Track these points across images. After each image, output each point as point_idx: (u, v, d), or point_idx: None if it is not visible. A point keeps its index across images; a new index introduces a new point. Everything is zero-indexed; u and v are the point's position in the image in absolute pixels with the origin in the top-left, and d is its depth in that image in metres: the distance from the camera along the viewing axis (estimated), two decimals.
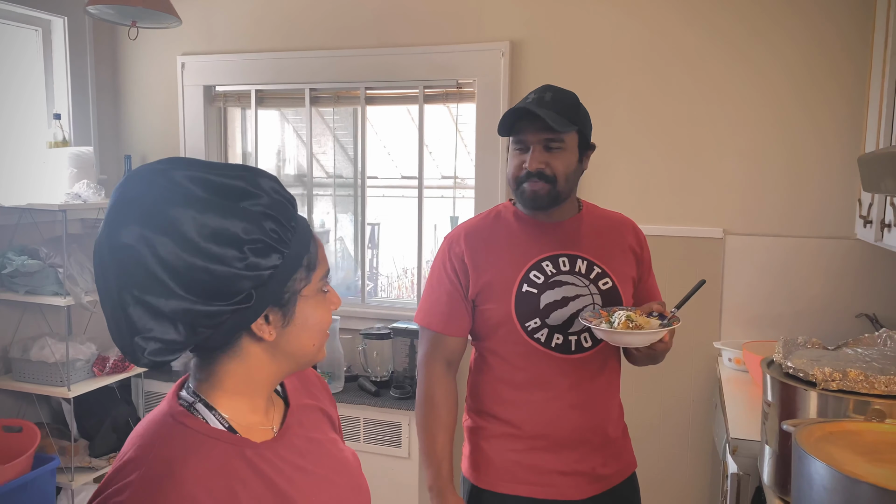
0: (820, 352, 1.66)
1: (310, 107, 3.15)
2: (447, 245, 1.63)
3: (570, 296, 1.54)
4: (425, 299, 1.64)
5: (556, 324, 1.53)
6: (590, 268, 1.58)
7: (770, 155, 2.58)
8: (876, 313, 2.46)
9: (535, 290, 1.54)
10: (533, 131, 1.51)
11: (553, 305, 1.53)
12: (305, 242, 0.89)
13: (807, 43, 2.50)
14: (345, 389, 2.93)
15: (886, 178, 1.43)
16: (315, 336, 0.93)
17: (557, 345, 1.54)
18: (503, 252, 1.58)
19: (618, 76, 2.71)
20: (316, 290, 0.92)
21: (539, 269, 1.56)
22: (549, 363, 1.54)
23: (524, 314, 1.53)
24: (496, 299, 1.55)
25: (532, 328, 1.53)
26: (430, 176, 3.64)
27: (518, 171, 1.54)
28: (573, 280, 1.56)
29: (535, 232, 1.60)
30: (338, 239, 3.32)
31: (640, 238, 1.70)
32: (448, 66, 2.88)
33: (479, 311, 1.58)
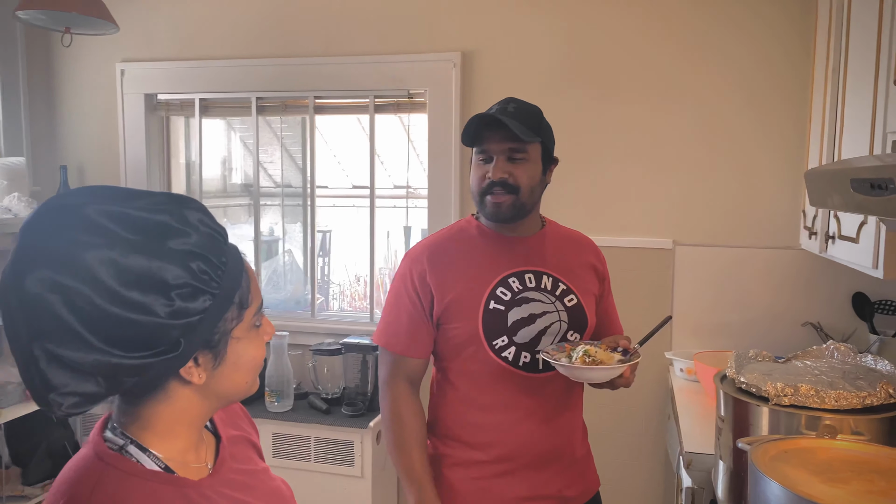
0: (771, 365, 1.67)
1: (256, 116, 3.06)
2: (408, 263, 1.57)
3: (538, 313, 1.52)
4: (385, 319, 1.58)
5: (523, 342, 1.50)
6: (555, 284, 1.56)
7: (718, 167, 2.62)
8: (820, 322, 2.51)
9: (502, 307, 1.51)
10: (497, 141, 1.48)
11: (520, 323, 1.50)
12: (237, 278, 0.84)
13: (752, 57, 2.55)
14: (294, 408, 2.85)
15: (833, 194, 1.44)
16: (248, 374, 0.88)
17: (525, 363, 1.51)
18: (468, 269, 1.54)
19: (569, 87, 2.71)
20: (249, 326, 0.87)
21: (505, 285, 1.52)
22: (517, 383, 1.51)
23: (492, 332, 1.50)
24: (462, 318, 1.50)
25: (499, 346, 1.50)
26: (382, 185, 3.60)
27: (481, 182, 1.51)
28: (539, 297, 1.53)
29: (500, 247, 1.56)
30: (286, 251, 3.23)
31: (601, 257, 1.70)
32: (399, 75, 2.84)
33: (444, 331, 1.54)
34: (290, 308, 3.21)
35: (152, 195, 0.79)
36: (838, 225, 1.99)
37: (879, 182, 1.12)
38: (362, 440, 2.70)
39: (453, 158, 2.80)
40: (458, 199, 2.83)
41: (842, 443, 1.28)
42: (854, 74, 1.91)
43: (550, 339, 1.53)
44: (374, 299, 3.08)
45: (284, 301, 3.22)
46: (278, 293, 3.21)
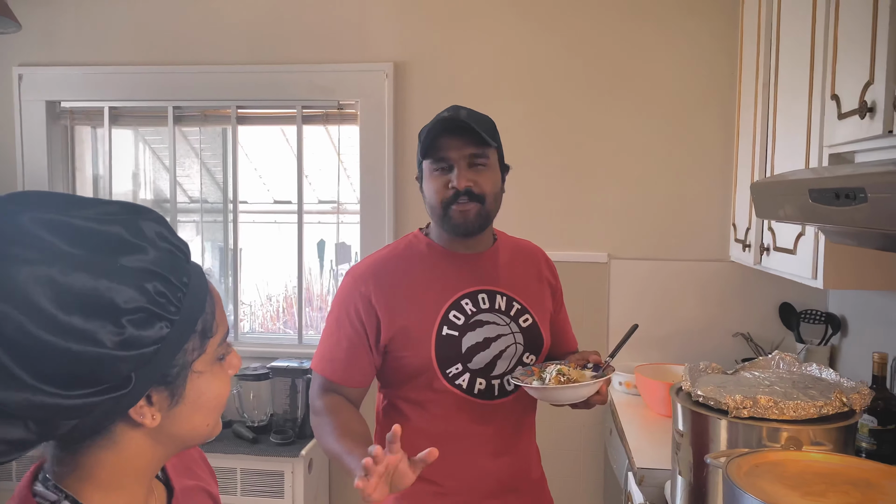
0: (722, 377, 1.67)
1: (173, 126, 2.87)
2: (351, 283, 1.44)
3: (492, 336, 1.44)
4: (324, 343, 1.46)
5: (478, 368, 1.42)
6: (509, 304, 1.48)
7: (650, 181, 2.65)
8: (750, 332, 2.57)
9: (455, 332, 1.41)
10: (457, 147, 1.38)
11: (475, 348, 1.42)
12: (200, 301, 0.71)
13: (679, 73, 2.61)
14: (218, 438, 2.64)
15: (786, 205, 1.46)
16: (210, 414, 0.76)
17: (480, 391, 1.43)
18: (418, 291, 1.43)
19: (502, 100, 2.68)
20: (212, 359, 0.75)
21: (459, 308, 1.43)
22: (471, 411, 1.43)
23: (445, 360, 1.40)
24: (413, 345, 1.40)
25: (453, 374, 1.41)
26: (307, 200, 3.45)
27: (444, 193, 1.40)
28: (494, 319, 1.45)
29: (452, 266, 1.47)
30: (206, 270, 3.03)
31: (553, 268, 1.63)
32: (329, 85, 2.73)
33: (393, 359, 1.43)
34: None
35: (102, 203, 0.66)
36: (773, 237, 2.04)
37: (848, 192, 1.12)
38: (293, 470, 2.54)
39: (387, 172, 2.71)
40: (392, 215, 2.74)
41: (809, 454, 1.27)
42: (786, 89, 1.97)
43: (506, 363, 1.45)
44: (302, 318, 2.93)
45: None
46: None
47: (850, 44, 1.53)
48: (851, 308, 2.35)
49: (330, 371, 1.42)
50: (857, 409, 1.44)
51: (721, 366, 1.77)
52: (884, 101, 1.34)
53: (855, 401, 1.44)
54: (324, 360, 1.44)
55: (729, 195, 2.57)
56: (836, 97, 1.59)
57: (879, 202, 1.03)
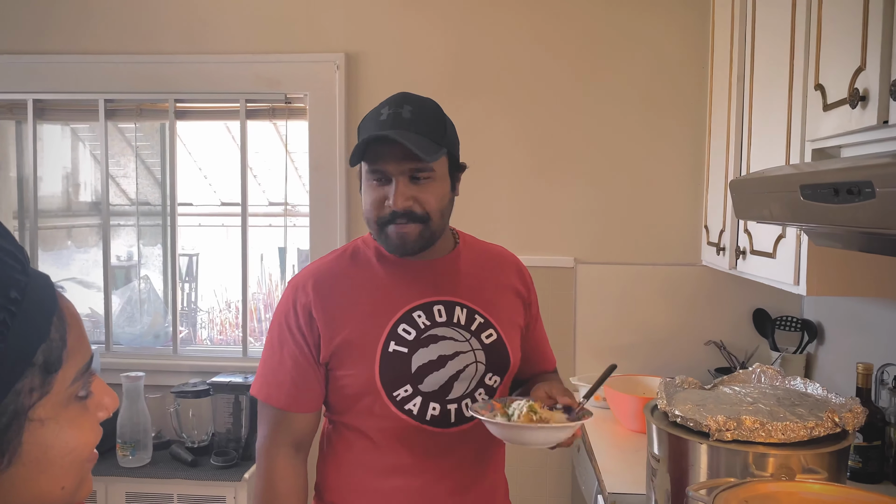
0: (701, 393, 1.52)
1: (105, 121, 2.64)
2: (291, 294, 1.27)
3: (448, 354, 1.25)
4: (265, 365, 1.27)
5: (431, 390, 1.24)
6: (470, 317, 1.29)
7: (618, 182, 2.51)
8: (723, 340, 2.45)
9: (404, 348, 1.24)
10: (395, 160, 1.18)
11: (427, 368, 1.24)
12: (39, 324, 0.54)
13: (648, 71, 2.47)
14: (153, 461, 2.43)
15: (772, 203, 1.31)
16: (65, 474, 0.57)
17: (434, 417, 1.24)
18: (364, 302, 1.25)
19: (461, 95, 2.51)
20: (65, 399, 0.56)
21: (409, 321, 1.25)
22: (425, 441, 1.24)
23: (392, 381, 1.23)
24: (355, 363, 1.23)
25: (402, 398, 1.23)
26: (257, 202, 3.24)
27: (379, 210, 1.22)
28: (451, 334, 1.27)
29: (404, 274, 1.29)
30: (142, 277, 2.80)
31: (526, 277, 1.44)
32: (275, 77, 2.53)
33: (334, 378, 1.25)
34: (147, 343, 2.77)
35: None
36: (750, 239, 1.91)
37: (850, 187, 0.98)
38: (236, 495, 2.33)
39: (338, 170, 2.52)
40: (344, 217, 2.55)
41: (805, 485, 1.12)
42: (763, 81, 1.84)
43: (465, 385, 1.27)
44: (247, 329, 2.72)
45: (141, 335, 2.79)
46: (133, 326, 2.77)
47: (836, 28, 1.40)
48: (828, 314, 2.24)
49: (276, 397, 1.24)
50: (851, 429, 1.31)
51: (696, 377, 1.63)
52: (878, 88, 1.21)
53: (848, 420, 1.30)
54: (268, 386, 1.25)
55: (701, 196, 2.44)
56: (820, 87, 1.46)
57: (890, 198, 0.89)
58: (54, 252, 2.99)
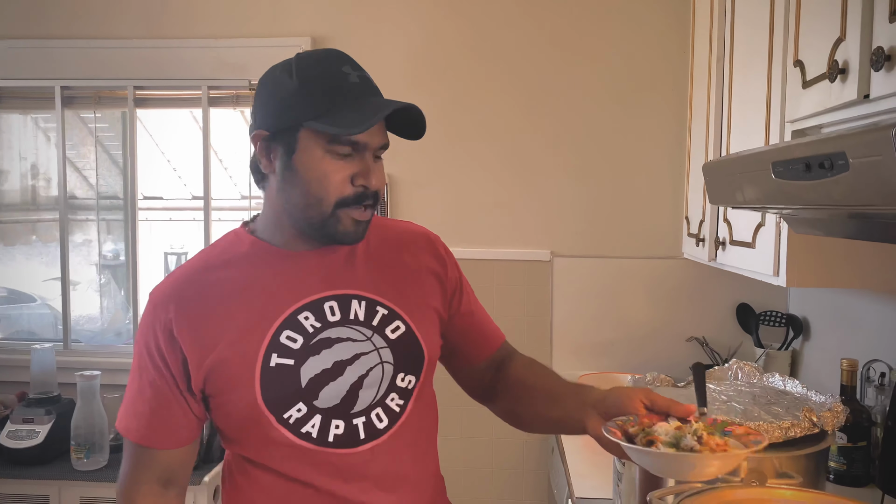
0: (672, 391, 1.43)
1: (62, 109, 2.53)
2: (150, 312, 1.06)
3: (346, 358, 1.05)
4: (127, 394, 1.08)
5: (329, 405, 1.04)
6: (371, 310, 1.08)
7: (595, 173, 2.41)
8: (705, 336, 2.35)
9: (290, 360, 1.03)
10: (378, 134, 1.04)
11: (321, 379, 1.03)
12: None
13: (627, 57, 2.38)
14: (110, 463, 2.31)
15: (745, 186, 1.21)
16: None
17: (338, 437, 1.04)
18: (237, 310, 1.04)
19: (434, 82, 2.41)
20: None
21: (294, 326, 1.04)
22: (331, 466, 1.05)
23: (279, 401, 1.02)
24: (233, 386, 1.02)
25: (295, 420, 1.03)
26: (227, 195, 3.13)
27: (343, 189, 1.01)
28: (347, 334, 1.06)
29: (287, 269, 1.07)
30: (102, 271, 2.69)
31: (440, 251, 1.20)
32: (238, 63, 2.42)
33: (215, 406, 1.05)
34: (108, 341, 2.67)
35: None
36: (730, 229, 1.81)
37: (823, 160, 0.87)
38: (195, 499, 2.22)
39: None
40: None
41: (776, 491, 1.02)
42: (742, 61, 1.74)
43: (372, 393, 1.06)
44: None
45: (100, 333, 2.68)
46: (92, 324, 2.67)
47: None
48: (814, 309, 2.14)
49: (135, 431, 1.05)
50: (830, 429, 1.21)
51: (672, 376, 1.53)
52: (858, 59, 1.10)
53: (826, 420, 1.21)
54: (127, 417, 1.06)
55: (682, 186, 2.34)
56: (799, 63, 1.36)
57: (865, 168, 0.79)
58: (17, 248, 2.88)
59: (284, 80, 1.02)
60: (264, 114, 1.03)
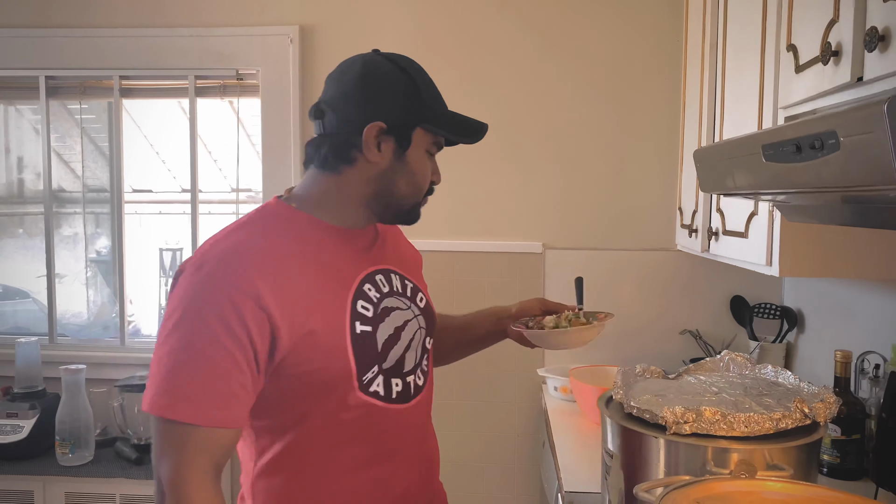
0: (662, 383, 1.40)
1: (46, 99, 2.49)
2: (217, 280, 1.00)
3: (400, 324, 1.16)
4: (178, 374, 0.97)
5: (390, 366, 1.13)
6: (403, 283, 1.22)
7: (588, 164, 2.38)
8: (699, 329, 2.32)
9: (368, 327, 1.10)
10: None
11: (389, 343, 1.13)
12: None
13: (620, 47, 2.34)
14: (96, 459, 2.29)
15: (736, 171, 1.18)
16: None
17: (399, 393, 1.14)
18: (314, 282, 1.06)
19: None
20: None
21: (363, 296, 1.11)
22: (392, 420, 1.13)
23: (363, 365, 1.08)
24: (325, 353, 1.04)
25: (367, 380, 1.09)
26: (217, 188, 3.09)
27: (428, 181, 1.19)
28: (397, 303, 1.17)
29: (343, 245, 1.13)
30: (91, 264, 2.66)
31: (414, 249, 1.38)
32: (225, 52, 2.39)
33: (291, 379, 1.04)
34: (95, 335, 2.63)
35: None
36: (723, 219, 1.78)
37: (814, 140, 0.84)
38: None
39: (293, 151, 2.38)
40: None
41: (765, 484, 0.99)
42: (735, 47, 1.71)
43: (414, 355, 1.18)
44: None
45: (87, 326, 2.65)
46: (80, 318, 2.63)
47: None
48: (809, 301, 2.11)
49: (203, 414, 0.96)
50: (822, 420, 1.18)
51: (663, 369, 1.50)
52: (851, 40, 1.07)
53: (819, 411, 1.18)
54: (190, 402, 0.96)
55: (675, 176, 2.31)
56: (792, 47, 1.33)
57: (856, 146, 0.76)
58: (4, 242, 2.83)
59: (400, 78, 1.12)
60: (380, 105, 1.10)
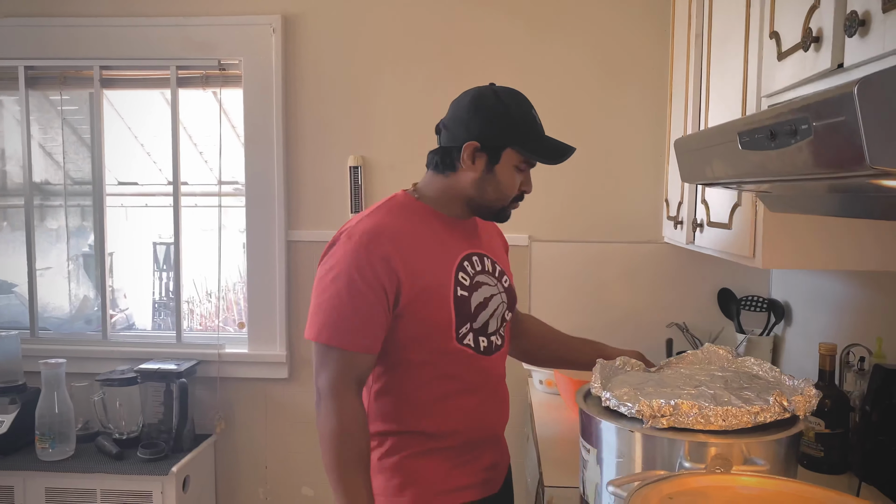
0: (642, 376, 1.37)
1: (26, 90, 2.45)
2: (363, 244, 1.35)
3: (489, 296, 1.47)
4: (332, 312, 1.35)
5: (479, 326, 1.45)
6: (494, 266, 1.52)
7: (575, 157, 2.30)
8: (686, 322, 2.30)
9: (466, 292, 1.43)
10: None
11: (479, 308, 1.45)
12: None
13: (607, 39, 2.31)
14: (77, 453, 2.27)
15: (714, 160, 1.16)
16: None
17: (485, 347, 1.47)
18: (431, 253, 1.42)
19: (408, 61, 2.34)
20: None
21: (463, 269, 1.45)
22: (478, 367, 1.46)
23: (461, 319, 1.42)
24: (433, 306, 1.39)
25: (462, 334, 1.43)
26: (203, 180, 3.06)
27: (516, 191, 1.47)
28: (487, 279, 1.48)
29: (451, 230, 1.48)
30: (72, 257, 2.63)
31: (504, 239, 1.69)
32: (208, 42, 2.35)
33: (409, 321, 1.39)
34: (78, 329, 2.60)
35: None
36: (707, 210, 1.76)
37: (788, 126, 0.82)
38: (163, 490, 2.17)
39: (276, 142, 2.35)
40: (283, 193, 2.38)
41: (740, 479, 0.97)
42: (720, 36, 1.69)
43: (496, 322, 1.49)
44: (180, 314, 2.56)
45: (69, 320, 2.62)
46: (60, 312, 2.60)
47: None
48: (796, 293, 2.09)
49: (350, 341, 1.34)
50: (801, 414, 1.16)
51: (655, 362, 1.48)
52: (832, 26, 1.05)
53: (798, 404, 1.16)
54: (339, 330, 1.34)
55: (662, 168, 2.29)
56: (775, 34, 1.30)
57: (827, 131, 0.73)
58: None
59: (497, 106, 1.44)
60: (478, 128, 1.42)
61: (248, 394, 2.48)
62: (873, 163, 0.66)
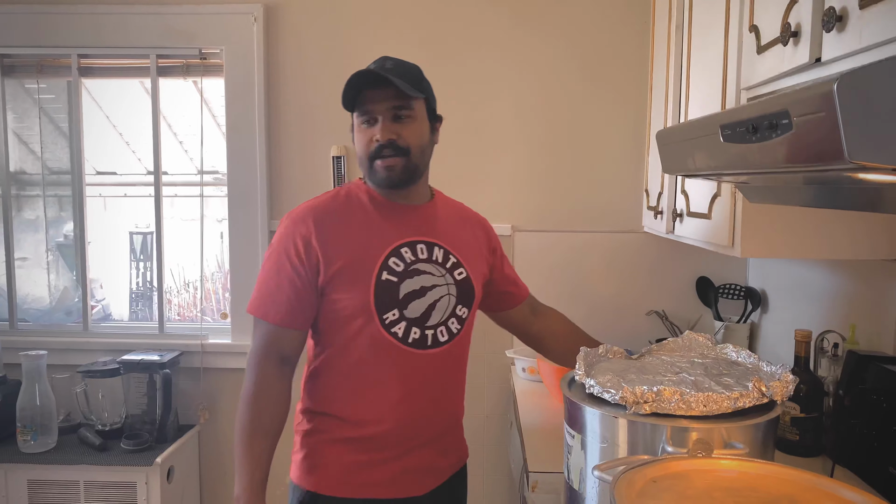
0: (624, 363, 1.40)
1: (2, 78, 2.42)
2: (290, 225, 1.43)
3: (428, 286, 1.44)
4: (262, 286, 1.43)
5: (413, 316, 1.43)
6: (446, 257, 1.49)
7: (556, 146, 2.38)
8: (665, 310, 2.34)
9: (395, 278, 1.41)
10: (380, 100, 1.39)
11: (412, 296, 1.42)
12: None
13: (589, 29, 2.33)
14: (59, 445, 2.26)
15: (696, 152, 1.18)
16: None
17: (414, 340, 1.43)
18: (359, 236, 1.43)
19: (389, 51, 2.32)
20: None
21: (398, 255, 1.43)
22: (404, 360, 1.43)
23: (383, 305, 1.41)
24: (352, 288, 1.40)
25: (390, 321, 1.41)
26: (184, 170, 3.04)
27: (368, 146, 1.43)
28: (430, 269, 1.45)
29: (392, 215, 1.47)
30: (50, 248, 2.60)
31: (494, 240, 1.65)
32: (188, 30, 2.33)
33: (330, 301, 1.42)
34: (58, 320, 2.58)
35: None
36: (687, 201, 1.79)
37: (769, 120, 0.84)
38: (147, 480, 2.17)
39: (258, 131, 2.35)
40: (265, 184, 2.38)
41: (720, 462, 1.00)
42: (700, 29, 1.71)
43: (441, 314, 1.45)
44: (163, 306, 2.55)
45: (49, 311, 2.59)
46: (42, 303, 2.58)
47: None
48: (772, 282, 2.14)
49: (272, 314, 1.41)
50: (779, 399, 1.20)
51: (630, 349, 1.51)
52: (810, 21, 1.08)
53: (776, 390, 1.19)
54: (263, 304, 1.42)
55: (642, 159, 2.32)
56: (754, 28, 1.33)
57: (808, 126, 0.76)
58: None
59: None
60: None
61: (231, 384, 2.48)
62: (852, 157, 0.68)
